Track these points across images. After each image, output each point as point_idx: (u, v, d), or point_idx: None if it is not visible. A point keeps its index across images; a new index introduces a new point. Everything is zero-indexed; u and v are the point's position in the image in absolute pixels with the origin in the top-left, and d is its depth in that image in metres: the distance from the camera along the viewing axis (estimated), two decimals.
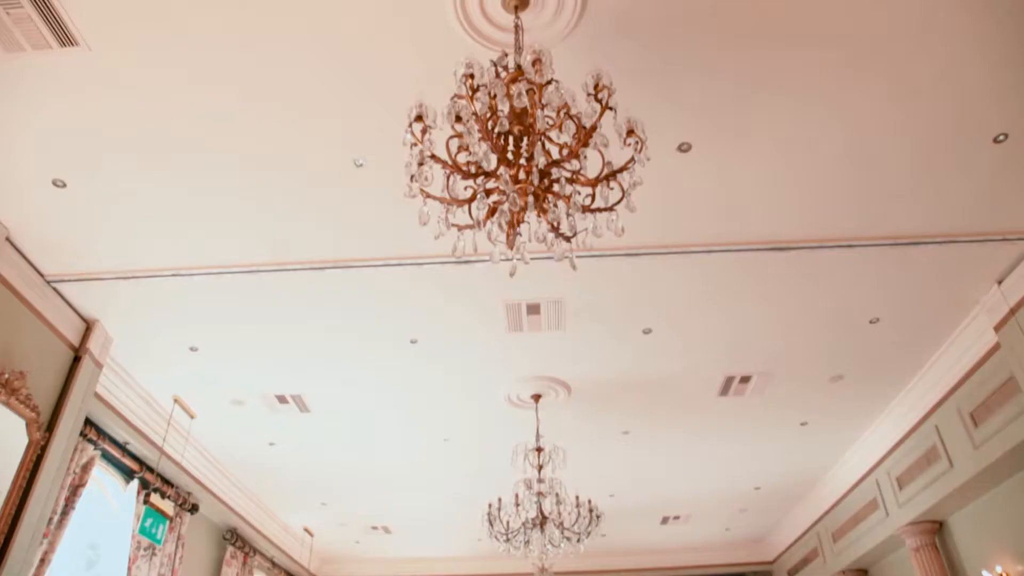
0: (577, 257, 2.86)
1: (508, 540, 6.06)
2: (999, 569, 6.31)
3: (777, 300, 5.32)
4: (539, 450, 6.28)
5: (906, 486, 7.11)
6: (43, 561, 5.22)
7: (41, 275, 4.91)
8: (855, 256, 4.87)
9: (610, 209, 2.74)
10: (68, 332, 5.23)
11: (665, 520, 10.13)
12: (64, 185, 4.15)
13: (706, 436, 7.52)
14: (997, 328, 5.29)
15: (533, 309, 5.36)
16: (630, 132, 2.68)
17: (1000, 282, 5.18)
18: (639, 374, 6.27)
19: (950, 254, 4.89)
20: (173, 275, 4.94)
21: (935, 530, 7.16)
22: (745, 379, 6.39)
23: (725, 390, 6.57)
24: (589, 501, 6.24)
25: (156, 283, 5.02)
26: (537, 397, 6.49)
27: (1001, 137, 3.95)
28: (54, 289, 5.05)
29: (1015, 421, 5.41)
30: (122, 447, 6.50)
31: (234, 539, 8.77)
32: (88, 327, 5.41)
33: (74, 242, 4.62)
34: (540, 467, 6.22)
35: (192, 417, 6.85)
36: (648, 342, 5.80)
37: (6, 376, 4.49)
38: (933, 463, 6.57)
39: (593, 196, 2.73)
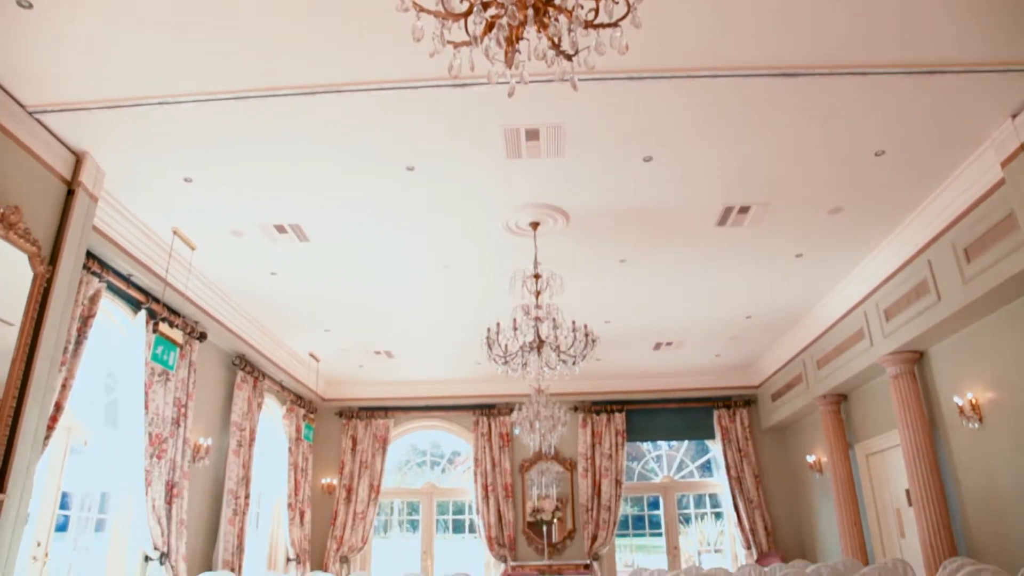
0: (578, 79, 2.73)
1: (506, 363, 6.24)
2: (970, 396, 6.66)
3: (781, 129, 5.19)
4: (537, 277, 6.38)
5: (893, 318, 7.33)
6: (64, 386, 5.47)
7: (22, 107, 4.74)
8: (865, 85, 4.69)
9: (614, 25, 2.58)
10: (58, 165, 5.14)
11: (658, 346, 10.54)
12: (30, 6, 3.90)
13: (702, 265, 7.63)
14: (1004, 164, 5.21)
15: (532, 135, 5.23)
16: None
17: (1015, 116, 5.04)
18: (638, 202, 6.25)
19: (967, 85, 4.71)
20: (160, 103, 4.78)
21: (915, 360, 7.48)
22: (744, 209, 6.39)
23: (723, 220, 6.58)
24: (585, 326, 6.39)
25: (143, 112, 4.87)
26: (535, 225, 6.51)
27: None
28: (38, 121, 4.90)
29: (1007, 258, 5.48)
30: (126, 279, 6.60)
31: (243, 364, 9.16)
32: (78, 160, 5.31)
33: (51, 69, 4.42)
34: (538, 293, 6.35)
35: (193, 249, 6.90)
36: (648, 170, 5.72)
37: (1, 211, 4.46)
38: (922, 296, 6.73)
39: (596, 10, 2.57)
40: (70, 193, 5.25)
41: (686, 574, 7.61)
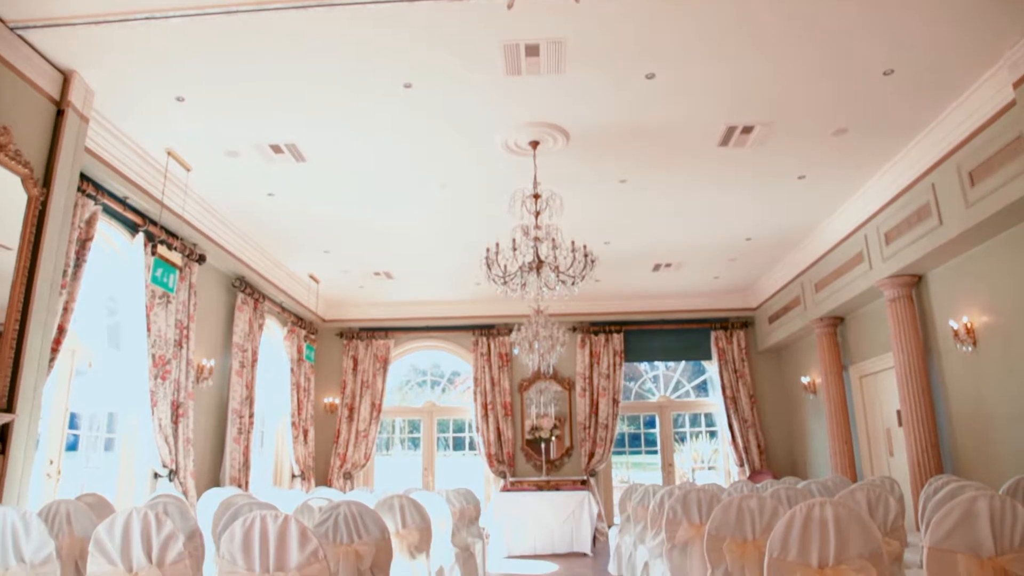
0: None
1: (505, 283, 6.24)
2: (965, 320, 6.71)
3: (787, 47, 5.03)
4: (536, 197, 6.31)
5: (893, 241, 7.31)
6: (66, 310, 5.50)
7: (4, 23, 4.58)
8: (876, 1, 4.53)
9: None
10: (46, 85, 5.01)
11: (657, 267, 10.55)
12: None
13: (703, 186, 7.55)
14: (1016, 84, 5.07)
15: (532, 51, 5.07)
16: None
17: None
18: (640, 121, 6.12)
19: (981, 2, 4.54)
20: (148, 18, 4.61)
21: (913, 283, 7.50)
22: (747, 129, 6.27)
23: (726, 140, 6.46)
24: (584, 246, 6.37)
25: (131, 28, 4.71)
26: (535, 144, 6.40)
27: None
28: (21, 38, 4.74)
29: (1012, 181, 5.42)
30: (122, 201, 6.54)
31: (243, 286, 9.18)
32: (66, 79, 5.17)
33: None
34: (537, 214, 6.30)
35: (188, 170, 6.81)
36: (650, 88, 5.58)
37: None
38: (923, 220, 6.69)
39: None
40: (59, 113, 5.14)
41: (680, 489, 7.83)
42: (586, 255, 6.29)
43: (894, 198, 7.13)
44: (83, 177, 5.78)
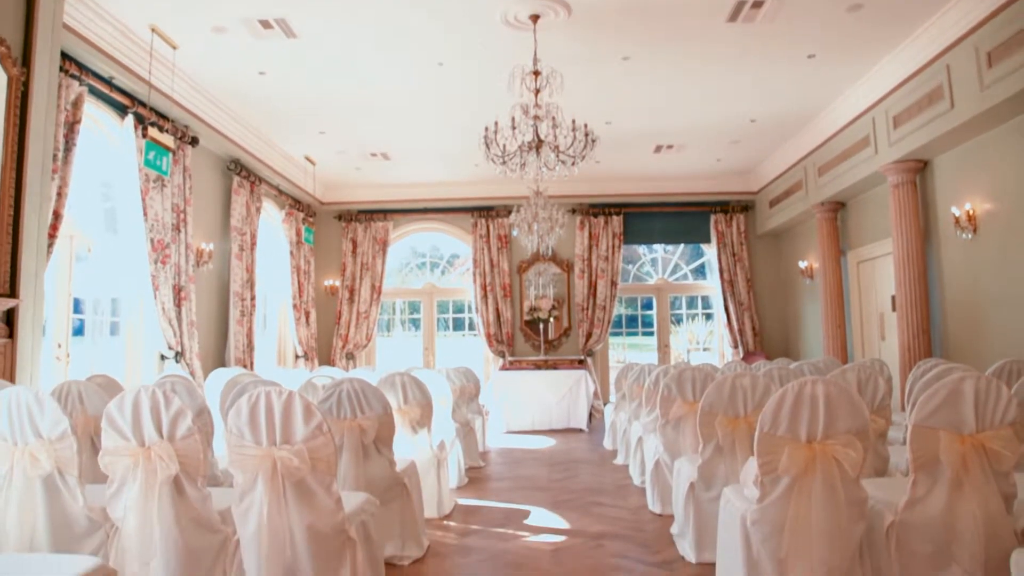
0: None
1: (504, 163, 6.14)
2: (967, 207, 6.66)
3: None
4: (536, 74, 6.11)
5: (901, 125, 7.14)
6: (60, 195, 5.45)
7: None
8: None
9: None
10: None
11: (658, 149, 10.37)
12: None
13: (709, 65, 7.28)
14: None
15: None
16: None
17: None
18: None
19: None
20: None
21: (918, 169, 7.39)
22: (757, 3, 5.95)
23: (735, 15, 6.17)
24: (585, 125, 6.23)
25: None
26: (535, 18, 6.11)
27: None
28: None
29: None
30: (108, 82, 6.33)
31: (239, 169, 9.06)
32: None
33: None
34: (537, 92, 6.11)
35: (174, 48, 6.55)
36: None
37: None
38: (935, 103, 6.50)
39: None
40: None
41: (675, 368, 8.06)
42: (587, 135, 6.16)
43: (906, 80, 6.90)
44: (66, 57, 5.57)
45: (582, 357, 11.89)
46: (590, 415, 9.95)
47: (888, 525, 2.90)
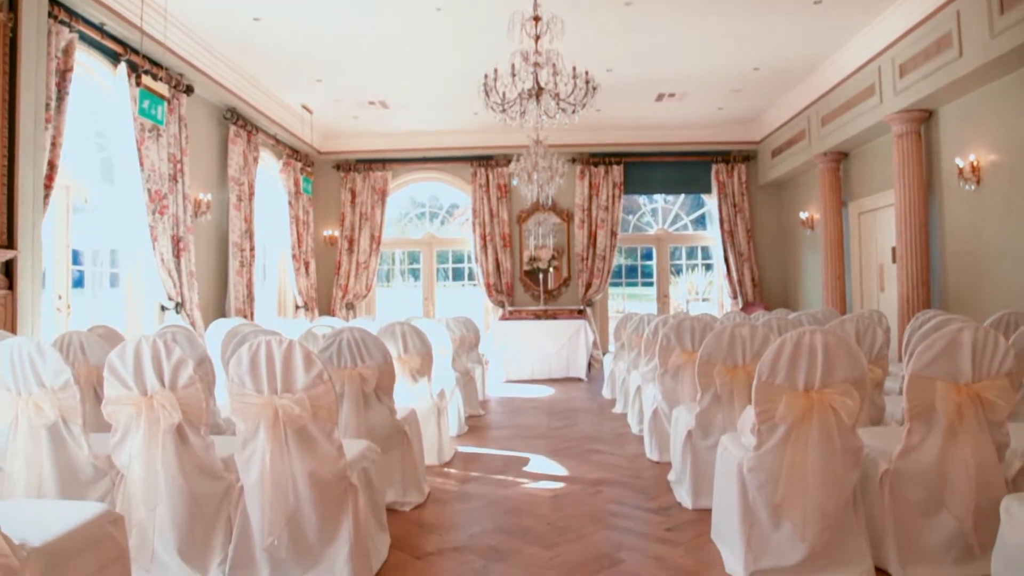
0: None
1: (504, 111, 6.06)
2: (972, 158, 6.60)
3: None
4: (536, 20, 5.98)
5: (907, 74, 7.02)
6: (54, 144, 5.39)
7: None
8: None
9: None
10: None
11: (660, 97, 10.21)
12: None
13: (712, 10, 7.11)
14: None
15: None
16: None
17: None
18: None
19: None
20: None
21: (923, 119, 7.29)
22: None
23: None
24: (586, 73, 6.12)
25: None
26: None
27: None
28: None
29: None
30: (99, 28, 6.20)
31: (235, 119, 8.94)
32: None
33: None
34: (537, 38, 6.00)
35: None
36: None
37: None
38: (943, 51, 6.38)
39: None
40: None
41: (674, 318, 8.09)
42: (587, 82, 6.06)
43: (914, 27, 6.76)
44: (54, 2, 5.44)
45: (582, 307, 11.91)
46: (589, 364, 10.03)
47: (882, 473, 2.95)
